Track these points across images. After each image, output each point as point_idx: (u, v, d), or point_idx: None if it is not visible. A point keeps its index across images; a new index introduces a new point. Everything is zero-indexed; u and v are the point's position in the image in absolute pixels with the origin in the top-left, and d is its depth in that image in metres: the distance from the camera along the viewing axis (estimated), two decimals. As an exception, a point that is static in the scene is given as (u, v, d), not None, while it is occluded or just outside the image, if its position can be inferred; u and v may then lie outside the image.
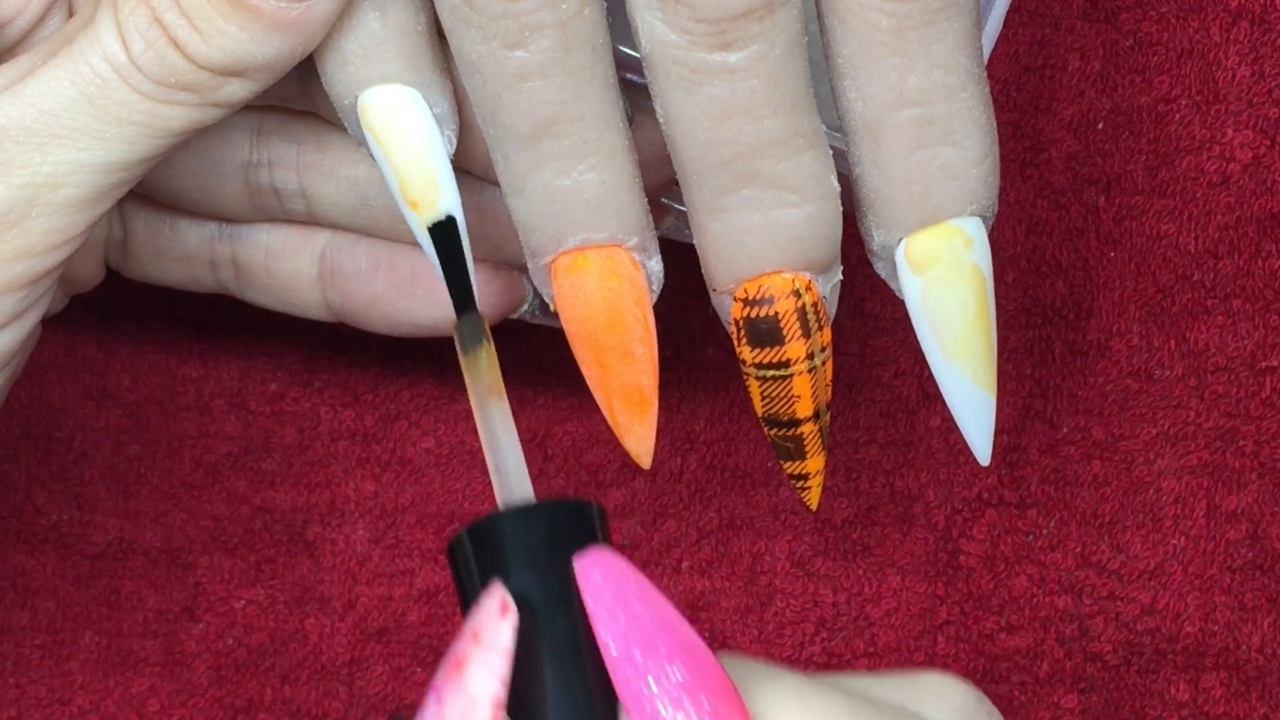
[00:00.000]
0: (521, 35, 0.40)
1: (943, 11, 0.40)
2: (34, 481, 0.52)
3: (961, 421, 0.43)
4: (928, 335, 0.42)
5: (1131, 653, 0.51)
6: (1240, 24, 0.51)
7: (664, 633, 0.35)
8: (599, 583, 0.35)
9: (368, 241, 0.47)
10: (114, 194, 0.42)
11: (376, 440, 0.52)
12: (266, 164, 0.46)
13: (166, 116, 0.41)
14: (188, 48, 0.41)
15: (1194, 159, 0.51)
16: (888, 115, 0.40)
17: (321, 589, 0.51)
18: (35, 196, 0.41)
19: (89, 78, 0.41)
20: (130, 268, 0.48)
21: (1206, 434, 0.51)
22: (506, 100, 0.40)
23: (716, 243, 0.41)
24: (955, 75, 0.40)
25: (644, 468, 0.43)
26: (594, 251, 0.42)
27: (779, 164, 0.40)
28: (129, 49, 0.41)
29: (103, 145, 0.41)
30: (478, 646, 0.35)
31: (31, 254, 0.41)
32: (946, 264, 0.41)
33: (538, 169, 0.41)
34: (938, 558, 0.51)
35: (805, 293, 0.41)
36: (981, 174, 0.41)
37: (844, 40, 0.40)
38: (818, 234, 0.41)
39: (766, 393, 0.42)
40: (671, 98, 0.40)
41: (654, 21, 0.39)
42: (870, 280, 0.50)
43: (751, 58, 0.39)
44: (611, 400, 0.43)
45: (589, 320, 0.42)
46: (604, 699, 0.35)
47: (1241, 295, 0.51)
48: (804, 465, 0.43)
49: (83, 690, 0.51)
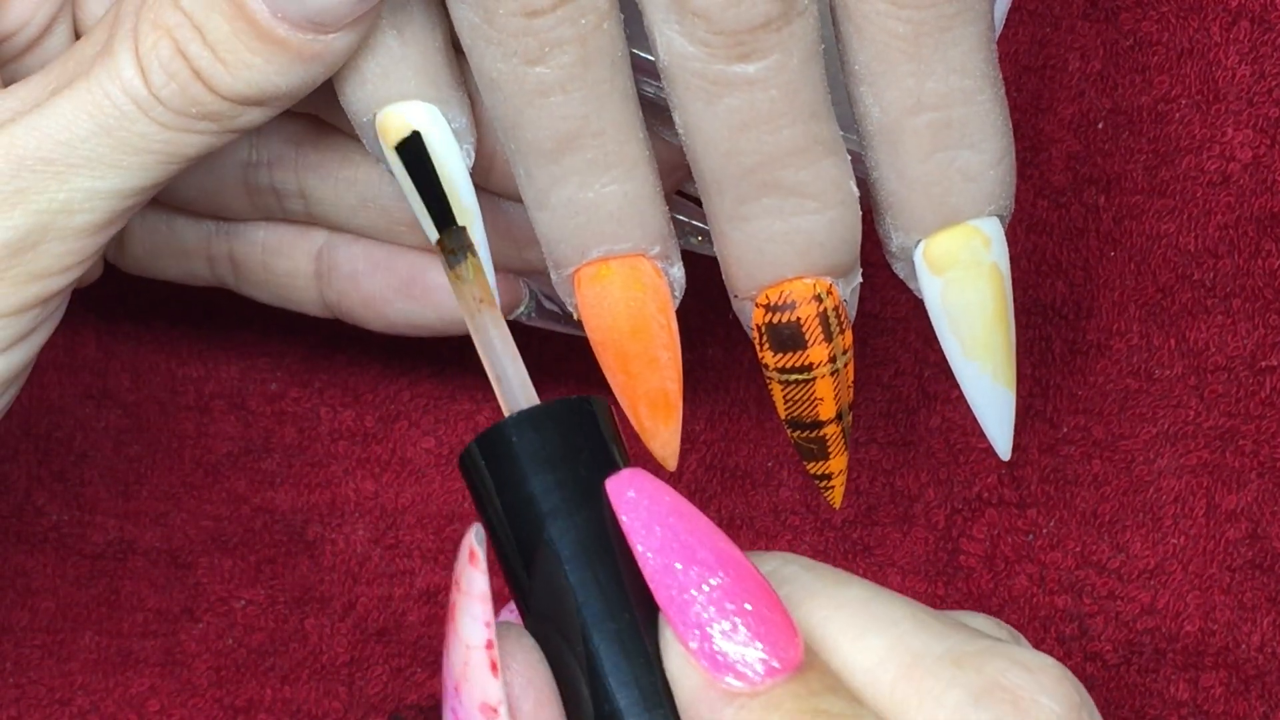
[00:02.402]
0: (542, 51, 0.40)
1: (958, 17, 0.40)
2: (34, 481, 0.52)
3: (983, 418, 0.44)
4: (948, 335, 0.43)
5: (1131, 652, 0.51)
6: (1240, 23, 0.51)
7: (703, 545, 0.35)
8: (633, 499, 0.36)
9: (365, 242, 0.47)
10: (126, 216, 0.42)
11: (376, 440, 0.52)
12: (265, 164, 0.46)
13: (184, 144, 0.41)
14: (212, 80, 0.40)
15: (1194, 158, 0.51)
16: (906, 120, 0.41)
17: (321, 589, 0.52)
18: (51, 223, 0.41)
19: (108, 110, 0.41)
20: (128, 263, 0.48)
21: (1206, 433, 0.51)
22: (528, 116, 0.41)
23: (738, 250, 0.41)
24: (972, 79, 0.40)
25: (670, 470, 0.44)
26: (618, 261, 0.42)
27: (799, 172, 0.40)
28: (149, 82, 0.41)
29: (119, 174, 0.41)
30: (459, 594, 0.35)
31: (45, 276, 0.41)
32: (966, 264, 0.42)
33: (560, 183, 0.41)
34: (938, 557, 0.51)
35: (827, 297, 0.41)
36: (999, 175, 0.41)
37: (860, 47, 0.40)
38: (839, 239, 0.41)
39: (789, 396, 0.42)
40: (691, 109, 0.40)
41: (672, 35, 0.39)
42: (870, 280, 0.50)
43: (770, 68, 0.39)
44: (637, 406, 0.43)
45: (614, 329, 0.42)
46: (641, 601, 0.35)
47: (1241, 294, 0.51)
48: (827, 465, 0.44)
49: (83, 690, 0.51)
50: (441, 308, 0.46)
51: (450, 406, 0.52)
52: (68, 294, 0.43)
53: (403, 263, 0.47)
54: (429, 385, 0.52)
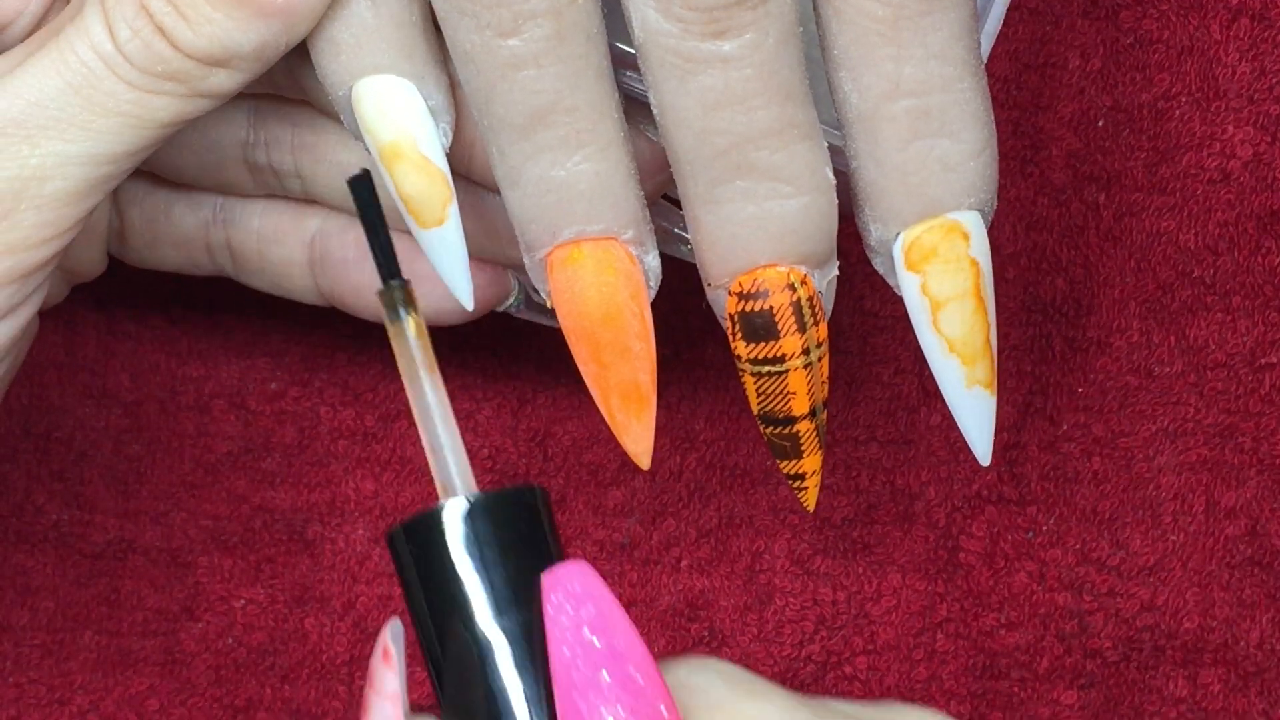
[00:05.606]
0: (515, 24, 0.40)
1: (938, 1, 0.40)
2: (34, 481, 0.52)
3: (961, 420, 0.43)
4: (926, 332, 0.42)
5: (1131, 649, 0.51)
6: (1240, 21, 0.51)
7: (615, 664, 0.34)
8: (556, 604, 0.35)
9: (357, 230, 0.47)
10: (102, 188, 0.42)
11: (376, 440, 0.52)
12: (263, 144, 0.46)
13: (153, 107, 0.41)
14: (174, 35, 0.41)
15: (1194, 156, 0.51)
16: (883, 106, 0.40)
17: (321, 588, 0.52)
18: (23, 189, 0.41)
19: (75, 67, 0.41)
20: (128, 253, 0.48)
21: (1206, 430, 0.51)
22: (500, 90, 0.40)
23: (710, 235, 0.41)
24: (951, 66, 0.40)
25: (643, 468, 0.43)
26: (589, 244, 0.41)
27: (773, 155, 0.40)
28: (115, 38, 0.41)
29: (90, 137, 0.41)
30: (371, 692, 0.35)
31: (21, 248, 0.41)
32: (944, 259, 0.41)
33: (532, 160, 0.41)
34: (938, 555, 0.51)
35: (800, 287, 0.41)
36: (979, 167, 0.41)
37: (839, 31, 0.40)
38: (813, 226, 0.41)
39: (762, 389, 0.42)
40: (665, 87, 0.40)
41: (647, 10, 0.39)
42: (870, 278, 0.50)
43: (745, 46, 0.39)
44: (609, 398, 0.42)
45: (585, 315, 0.42)
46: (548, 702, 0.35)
47: (1241, 292, 0.51)
48: (800, 465, 0.43)
49: (82, 690, 0.51)
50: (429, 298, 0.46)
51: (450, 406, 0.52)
52: (48, 271, 0.42)
53: None
54: (429, 384, 0.52)
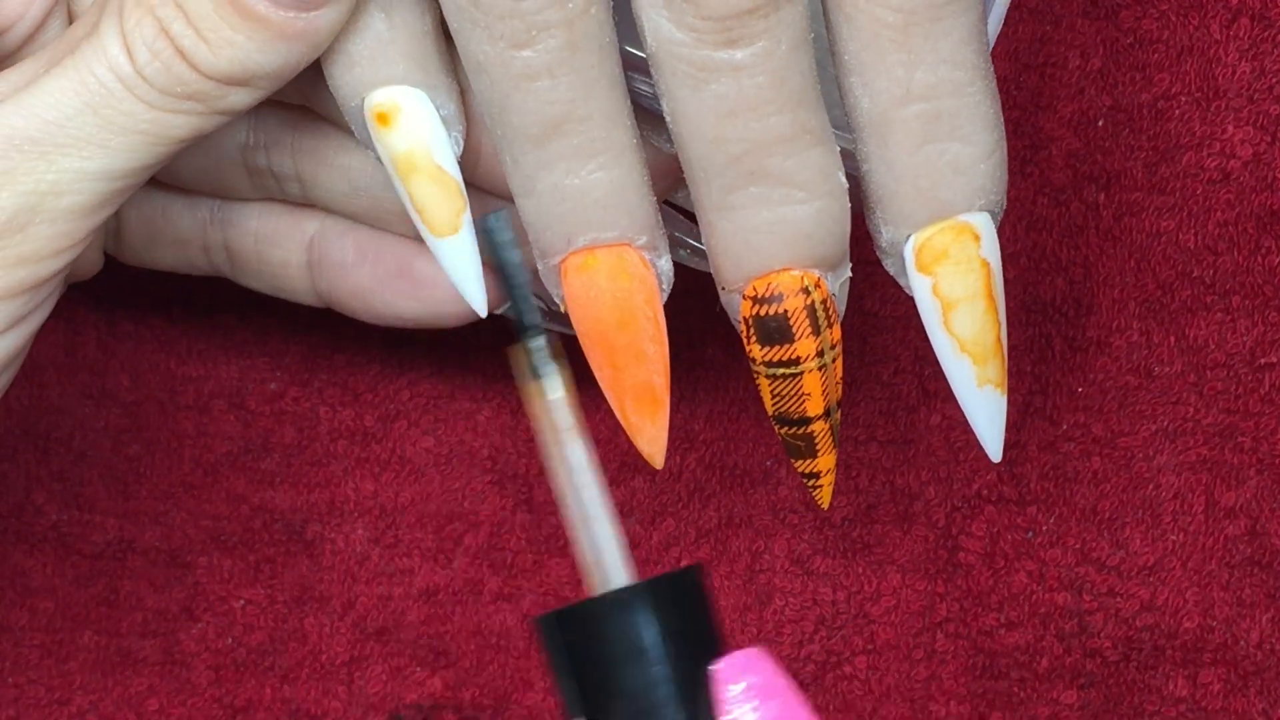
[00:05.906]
0: (529, 35, 0.40)
1: (949, 7, 0.40)
2: (34, 481, 0.52)
3: (973, 418, 0.43)
4: (937, 332, 0.42)
5: (1130, 648, 0.51)
6: (1240, 20, 0.51)
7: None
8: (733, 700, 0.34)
9: (356, 232, 0.47)
10: (116, 200, 0.42)
11: (376, 440, 0.52)
12: (263, 146, 0.46)
13: (171, 125, 0.41)
14: (194, 58, 0.41)
15: (1194, 155, 0.51)
16: (895, 111, 0.40)
17: (321, 588, 0.51)
18: (39, 204, 0.41)
19: (94, 88, 0.41)
20: (124, 253, 0.48)
21: (1205, 430, 0.51)
22: (514, 101, 0.40)
23: (725, 241, 0.41)
24: (962, 70, 0.40)
25: (656, 468, 0.43)
26: (604, 251, 0.42)
27: (786, 160, 0.40)
28: (134, 59, 0.41)
29: (107, 154, 0.41)
30: None
31: (34, 260, 0.41)
32: (955, 260, 0.41)
33: (546, 169, 0.41)
34: (937, 555, 0.51)
35: (814, 290, 0.41)
36: (989, 169, 0.41)
37: (850, 36, 0.40)
38: (826, 230, 0.41)
39: (776, 391, 0.42)
40: (678, 96, 0.40)
41: (660, 20, 0.39)
42: (870, 278, 0.50)
43: (757, 54, 0.39)
44: (624, 400, 0.43)
45: (600, 320, 0.42)
46: None
47: (1241, 292, 0.51)
48: (815, 464, 0.43)
49: (82, 690, 0.51)
50: (428, 300, 0.46)
51: (450, 406, 0.52)
52: (60, 280, 0.42)
53: (391, 254, 0.46)
54: (428, 385, 0.52)
